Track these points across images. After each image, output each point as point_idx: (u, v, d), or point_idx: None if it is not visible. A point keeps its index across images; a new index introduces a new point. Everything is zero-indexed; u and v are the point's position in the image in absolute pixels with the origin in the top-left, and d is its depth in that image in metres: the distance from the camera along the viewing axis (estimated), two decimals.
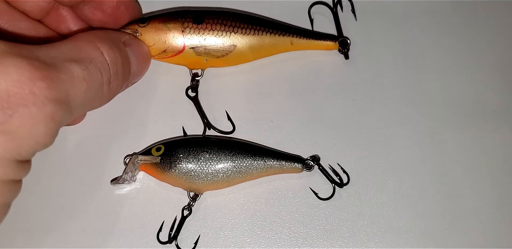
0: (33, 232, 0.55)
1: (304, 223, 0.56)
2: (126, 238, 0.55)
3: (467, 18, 0.62)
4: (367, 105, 0.59)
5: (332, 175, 0.56)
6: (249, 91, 0.59)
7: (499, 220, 0.57)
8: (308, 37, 0.57)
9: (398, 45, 0.61)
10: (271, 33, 0.56)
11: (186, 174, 0.54)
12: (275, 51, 0.58)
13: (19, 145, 0.38)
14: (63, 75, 0.40)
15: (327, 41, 0.58)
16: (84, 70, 0.42)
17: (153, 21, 0.54)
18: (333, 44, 0.58)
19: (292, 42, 0.57)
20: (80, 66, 0.42)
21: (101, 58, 0.45)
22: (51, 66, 0.39)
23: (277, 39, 0.56)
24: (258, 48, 0.56)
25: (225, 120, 0.58)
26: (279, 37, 0.56)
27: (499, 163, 0.58)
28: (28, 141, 0.38)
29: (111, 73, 0.46)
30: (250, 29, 0.55)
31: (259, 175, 0.55)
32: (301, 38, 0.57)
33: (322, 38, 0.58)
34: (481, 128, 0.59)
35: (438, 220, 0.56)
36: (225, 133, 0.57)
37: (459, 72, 0.61)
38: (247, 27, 0.55)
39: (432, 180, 0.57)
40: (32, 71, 0.37)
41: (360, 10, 0.61)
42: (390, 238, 0.56)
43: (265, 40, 0.56)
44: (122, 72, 0.48)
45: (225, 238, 0.56)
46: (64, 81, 0.40)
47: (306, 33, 0.57)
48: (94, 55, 0.44)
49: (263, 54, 0.57)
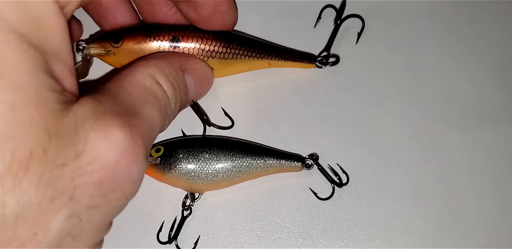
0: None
1: (304, 223, 0.56)
2: (126, 238, 0.55)
3: (467, 18, 0.62)
4: (367, 105, 0.59)
5: (332, 175, 0.56)
6: (249, 91, 0.59)
7: (499, 220, 0.57)
8: (286, 59, 0.57)
9: (398, 45, 0.61)
10: (249, 57, 0.56)
11: (186, 175, 0.54)
12: (253, 69, 0.58)
13: (117, 210, 0.37)
14: (148, 124, 0.38)
15: (304, 62, 0.58)
16: (159, 112, 0.41)
17: (127, 42, 0.53)
18: (309, 65, 0.58)
19: (270, 63, 0.57)
20: (155, 109, 0.40)
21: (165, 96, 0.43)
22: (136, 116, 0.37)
23: (255, 62, 0.56)
24: (236, 70, 0.57)
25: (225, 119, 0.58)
26: (257, 60, 0.56)
27: (499, 163, 0.58)
28: (125, 203, 0.37)
29: (171, 107, 0.44)
30: (228, 53, 0.55)
31: (259, 174, 0.55)
32: (279, 60, 0.57)
33: (299, 59, 0.58)
34: (482, 127, 0.59)
35: (438, 220, 0.56)
36: (225, 128, 0.57)
37: (459, 72, 0.61)
38: (225, 52, 0.54)
39: (432, 180, 0.57)
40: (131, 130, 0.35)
41: (360, 10, 0.61)
42: (390, 238, 0.56)
43: (242, 63, 0.56)
44: (180, 103, 0.47)
45: (225, 238, 0.56)
46: (150, 131, 0.38)
47: (284, 54, 0.57)
48: (161, 94, 0.42)
49: (241, 71, 0.58)
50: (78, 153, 0.32)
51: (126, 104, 0.38)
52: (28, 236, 0.30)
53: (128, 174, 0.34)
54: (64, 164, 0.31)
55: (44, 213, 0.30)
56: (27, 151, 0.29)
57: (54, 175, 0.30)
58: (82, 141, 0.32)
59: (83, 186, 0.32)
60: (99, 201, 0.33)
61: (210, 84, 0.54)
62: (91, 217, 0.33)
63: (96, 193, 0.33)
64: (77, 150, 0.32)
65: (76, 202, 0.32)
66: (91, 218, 0.33)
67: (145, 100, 0.40)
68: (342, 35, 0.60)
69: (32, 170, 0.29)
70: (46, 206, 0.30)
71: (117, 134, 0.33)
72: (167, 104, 0.43)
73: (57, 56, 0.33)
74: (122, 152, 0.33)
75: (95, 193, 0.33)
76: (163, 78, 0.44)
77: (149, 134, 0.38)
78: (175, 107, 0.46)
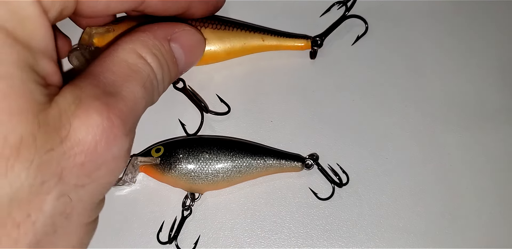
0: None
1: (304, 223, 0.56)
2: (126, 238, 0.55)
3: (467, 18, 0.62)
4: (367, 105, 0.59)
5: (332, 175, 0.56)
6: (248, 92, 0.59)
7: (499, 220, 0.57)
8: (279, 35, 0.58)
9: (398, 45, 0.61)
10: (241, 29, 0.57)
11: (186, 175, 0.54)
12: (248, 48, 0.57)
13: (106, 187, 0.38)
14: (130, 103, 0.38)
15: (299, 39, 0.58)
16: (142, 88, 0.40)
17: (127, 20, 0.54)
18: (305, 42, 0.58)
19: (263, 39, 0.57)
20: (138, 85, 0.40)
21: (150, 70, 0.43)
22: (116, 96, 0.38)
23: (248, 35, 0.57)
24: (229, 42, 0.56)
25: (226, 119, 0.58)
26: (250, 33, 0.57)
27: (499, 163, 0.58)
28: (113, 179, 0.38)
29: (157, 79, 0.44)
30: (220, 25, 0.56)
31: (259, 174, 0.56)
32: (272, 35, 0.57)
33: (293, 36, 0.58)
34: (482, 127, 0.59)
35: (438, 220, 0.56)
36: (222, 114, 0.57)
37: (459, 72, 0.61)
38: (217, 23, 0.56)
39: (432, 180, 0.57)
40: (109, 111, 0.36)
41: (360, 10, 0.61)
42: (390, 238, 0.56)
43: (235, 35, 0.56)
44: (169, 74, 0.46)
45: (225, 238, 0.56)
46: (131, 109, 0.38)
47: (278, 32, 0.58)
48: (144, 68, 0.42)
49: (235, 50, 0.57)
50: (63, 138, 0.33)
51: (108, 84, 0.38)
52: (22, 218, 0.32)
53: (109, 153, 0.36)
54: (51, 149, 0.32)
55: (35, 195, 0.32)
56: (18, 136, 0.31)
57: (43, 160, 0.32)
58: (66, 128, 0.34)
59: (68, 168, 0.34)
60: (85, 180, 0.35)
61: (201, 49, 0.52)
62: (80, 196, 0.35)
63: (82, 173, 0.34)
64: (62, 136, 0.33)
65: (64, 183, 0.33)
66: (80, 197, 0.35)
67: (128, 77, 0.40)
68: (342, 35, 0.60)
69: (23, 156, 0.31)
70: (37, 189, 0.32)
71: (94, 118, 0.35)
72: (152, 78, 0.43)
73: (44, 53, 0.34)
74: (100, 134, 0.35)
75: (80, 173, 0.34)
76: (146, 51, 0.43)
77: (131, 112, 0.38)
78: (164, 79, 0.45)
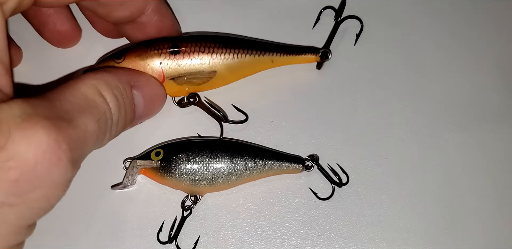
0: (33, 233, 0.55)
1: (304, 223, 0.56)
2: (126, 238, 0.55)
3: (467, 18, 0.62)
4: (367, 106, 0.59)
5: (332, 175, 0.56)
6: (249, 92, 0.59)
7: (499, 220, 0.57)
8: (289, 53, 0.56)
9: (398, 45, 0.61)
10: (250, 55, 0.55)
11: (187, 178, 0.54)
12: (257, 70, 0.57)
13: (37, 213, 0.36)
14: (81, 133, 0.37)
15: (308, 55, 0.57)
16: (96, 123, 0.40)
17: (129, 56, 0.52)
18: (314, 57, 0.57)
19: (272, 60, 0.56)
20: (92, 119, 0.39)
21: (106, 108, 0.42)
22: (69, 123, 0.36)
23: (257, 59, 0.55)
24: (239, 71, 0.55)
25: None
26: (259, 57, 0.55)
27: (499, 163, 0.58)
28: (47, 206, 0.36)
29: (113, 120, 0.43)
30: (229, 53, 0.54)
31: (259, 176, 0.55)
32: (281, 55, 0.56)
33: (303, 52, 0.57)
34: (481, 127, 0.59)
35: (438, 220, 0.56)
36: (241, 122, 0.57)
37: (459, 72, 0.61)
38: (225, 52, 0.54)
39: (432, 180, 0.57)
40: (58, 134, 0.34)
41: (359, 10, 0.61)
42: (390, 238, 0.56)
43: (245, 62, 0.55)
44: (125, 119, 0.46)
45: (225, 238, 0.56)
46: (81, 140, 0.37)
47: (287, 49, 0.57)
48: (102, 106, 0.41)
49: (244, 74, 0.57)
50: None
51: (63, 111, 0.37)
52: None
53: (49, 176, 0.34)
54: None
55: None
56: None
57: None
58: (4, 138, 0.32)
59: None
60: (15, 200, 0.33)
61: (161, 103, 0.53)
62: (5, 216, 0.33)
63: (13, 191, 0.32)
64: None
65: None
66: (5, 217, 0.33)
67: (83, 109, 0.39)
68: (341, 35, 0.60)
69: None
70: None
71: (40, 135, 0.33)
72: (107, 117, 0.42)
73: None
74: (43, 153, 0.33)
75: (11, 190, 0.32)
76: (107, 91, 0.43)
77: (80, 142, 0.37)
78: (119, 122, 0.45)
